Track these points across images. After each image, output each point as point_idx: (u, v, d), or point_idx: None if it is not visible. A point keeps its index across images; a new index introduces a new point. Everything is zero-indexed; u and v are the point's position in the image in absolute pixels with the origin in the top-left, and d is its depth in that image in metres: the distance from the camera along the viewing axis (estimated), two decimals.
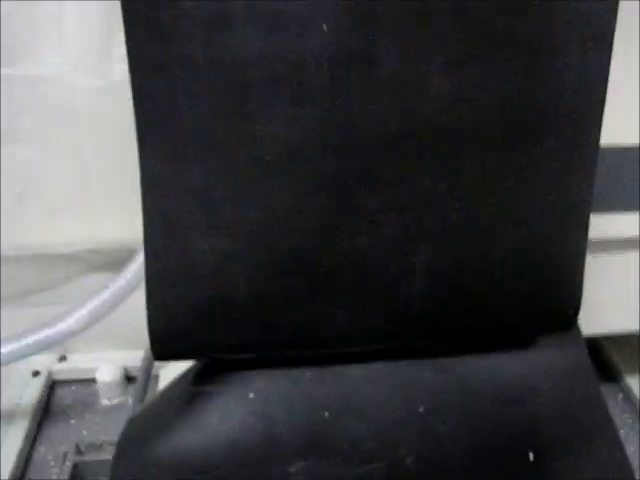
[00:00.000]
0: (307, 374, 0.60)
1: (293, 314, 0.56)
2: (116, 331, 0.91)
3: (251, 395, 0.60)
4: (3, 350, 0.78)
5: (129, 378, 0.99)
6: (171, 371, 0.68)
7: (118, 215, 0.81)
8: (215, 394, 0.60)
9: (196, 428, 0.59)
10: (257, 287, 0.54)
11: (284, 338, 0.57)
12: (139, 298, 0.73)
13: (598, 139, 0.55)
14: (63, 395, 0.98)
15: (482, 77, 0.49)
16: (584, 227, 0.57)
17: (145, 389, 0.78)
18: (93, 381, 0.98)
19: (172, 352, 0.58)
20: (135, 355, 0.88)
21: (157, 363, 0.82)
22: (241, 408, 0.59)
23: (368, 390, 0.60)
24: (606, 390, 1.00)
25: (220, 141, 0.50)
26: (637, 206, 0.73)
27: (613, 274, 0.80)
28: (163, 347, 0.57)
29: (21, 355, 0.80)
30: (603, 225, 0.71)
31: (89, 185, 0.81)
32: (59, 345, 0.87)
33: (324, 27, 0.47)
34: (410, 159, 0.51)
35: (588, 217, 0.57)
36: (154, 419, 0.62)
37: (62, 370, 0.99)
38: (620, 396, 1.02)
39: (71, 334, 0.80)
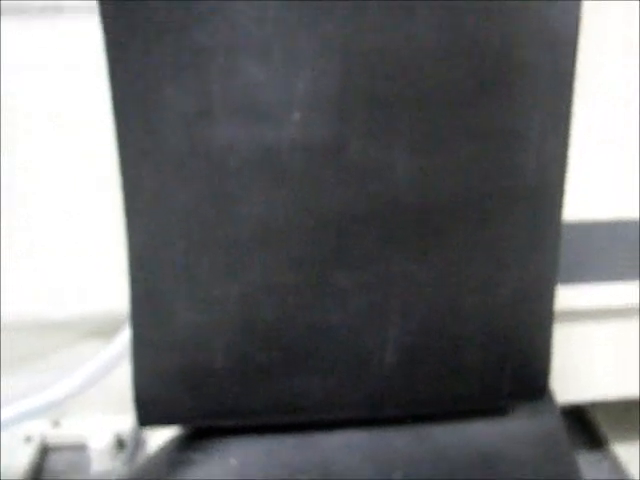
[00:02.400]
0: (287, 441, 0.62)
1: (269, 384, 0.58)
2: (110, 396, 0.93)
3: (232, 462, 0.62)
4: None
5: (121, 443, 1.00)
6: (159, 438, 0.70)
7: (112, 287, 0.84)
8: (198, 461, 0.62)
9: None
10: (234, 358, 0.57)
11: (262, 407, 0.59)
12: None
13: (560, 215, 0.58)
14: (55, 461, 1.00)
15: (445, 162, 0.53)
16: (550, 299, 0.60)
17: (134, 456, 0.80)
18: (86, 447, 0.99)
19: (155, 419, 0.60)
20: (127, 420, 0.91)
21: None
22: (222, 475, 0.61)
23: (345, 458, 0.62)
24: (592, 458, 1.02)
25: (201, 221, 0.53)
26: (604, 277, 0.76)
27: (589, 342, 0.83)
28: (147, 414, 0.59)
29: (15, 422, 0.82)
30: (573, 296, 0.74)
31: (83, 252, 0.84)
32: (53, 411, 0.90)
33: (297, 116, 0.51)
34: (378, 239, 0.54)
35: (554, 289, 0.60)
36: None
37: (55, 436, 1.01)
38: (606, 464, 1.03)
39: (64, 400, 0.83)
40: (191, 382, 0.58)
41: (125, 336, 0.80)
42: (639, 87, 0.71)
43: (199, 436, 0.63)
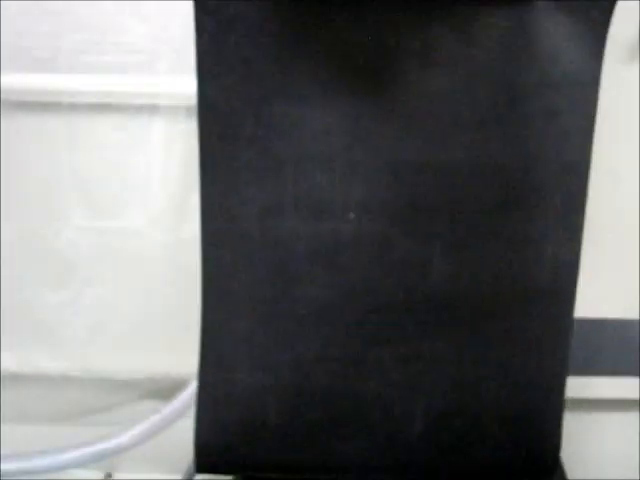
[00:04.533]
0: None
1: (313, 443, 0.67)
2: (159, 455, 1.03)
3: None
4: (65, 456, 0.90)
5: None
6: None
7: (174, 347, 0.95)
8: None
9: None
10: (285, 417, 0.66)
11: (306, 464, 0.68)
12: (181, 426, 0.87)
13: (572, 312, 0.68)
14: None
15: (472, 261, 0.63)
16: (561, 387, 0.69)
17: None
18: None
19: (211, 466, 0.69)
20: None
21: None
22: None
23: None
24: None
25: (265, 298, 0.64)
26: (611, 372, 0.85)
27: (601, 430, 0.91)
28: (205, 461, 0.69)
29: (79, 464, 0.92)
30: (583, 386, 0.83)
31: (152, 320, 0.95)
32: (109, 460, 0.99)
33: (352, 216, 0.62)
34: (413, 323, 0.64)
35: (565, 378, 0.69)
36: None
37: None
38: None
39: (122, 449, 0.92)
40: (245, 436, 0.67)
41: (184, 396, 0.89)
42: None
43: None
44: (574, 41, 0.62)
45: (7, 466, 0.90)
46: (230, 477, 0.73)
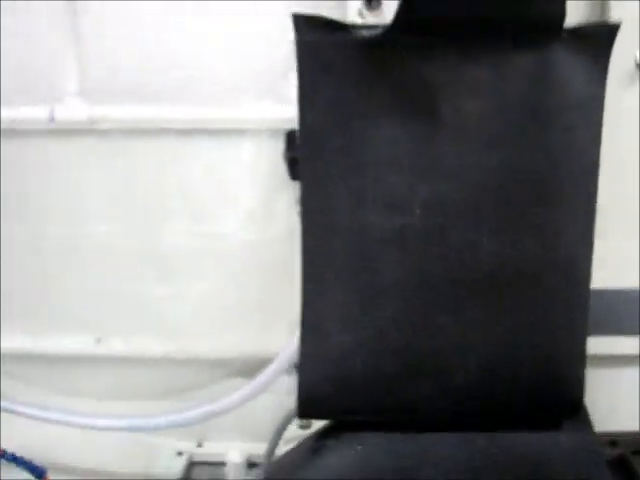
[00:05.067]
0: (398, 436, 0.88)
1: (390, 390, 0.86)
2: (245, 426, 1.21)
3: (357, 447, 0.89)
4: (169, 419, 1.08)
5: (251, 464, 1.26)
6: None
7: (261, 332, 1.14)
8: (332, 446, 0.89)
9: (314, 467, 0.88)
10: (369, 369, 0.85)
11: (384, 406, 0.86)
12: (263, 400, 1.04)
13: (589, 282, 0.85)
14: (200, 472, 1.27)
15: (512, 243, 0.82)
16: (583, 343, 0.87)
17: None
18: (223, 464, 1.26)
19: (310, 412, 0.88)
20: (257, 447, 1.16)
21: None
22: (349, 456, 0.88)
23: (439, 450, 0.88)
24: None
25: (351, 275, 0.83)
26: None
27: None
28: (305, 409, 0.87)
29: (180, 424, 1.09)
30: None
31: (243, 308, 1.14)
32: (201, 426, 1.14)
33: (417, 211, 0.81)
34: (465, 295, 0.83)
35: (585, 336, 0.87)
36: (284, 463, 0.92)
37: (199, 453, 1.27)
38: None
39: (215, 414, 1.09)
40: (337, 387, 0.86)
41: (268, 373, 1.07)
42: None
43: (335, 429, 0.90)
44: (582, 71, 0.80)
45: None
46: (324, 421, 0.91)
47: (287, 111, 0.98)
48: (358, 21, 0.84)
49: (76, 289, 1.16)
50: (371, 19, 0.85)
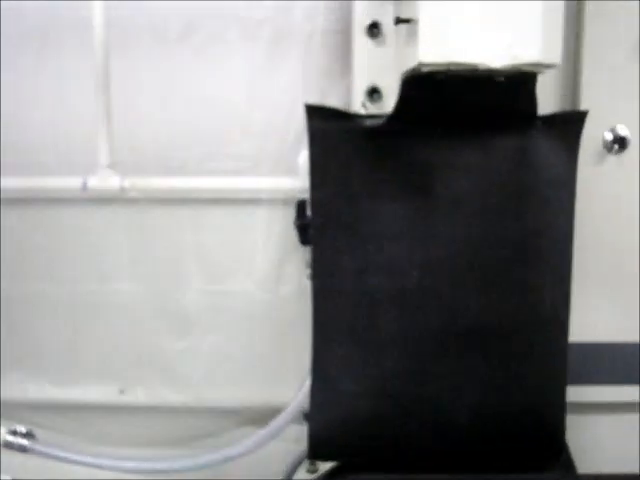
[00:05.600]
0: (396, 477, 0.99)
1: (392, 433, 0.96)
2: (255, 471, 1.27)
3: None
4: (183, 464, 1.17)
5: None
6: None
7: (271, 383, 1.23)
8: None
9: None
10: (372, 415, 0.95)
11: (386, 447, 0.96)
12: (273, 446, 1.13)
13: (567, 337, 0.96)
14: None
15: (496, 300, 0.93)
16: (563, 393, 0.98)
17: None
18: None
19: (320, 454, 0.98)
20: None
21: None
22: None
23: None
24: None
25: (356, 330, 0.94)
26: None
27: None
28: (316, 451, 0.97)
29: (195, 468, 1.17)
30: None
31: (255, 361, 1.24)
32: (213, 471, 1.20)
33: (415, 274, 0.92)
34: (459, 345, 0.94)
35: (565, 387, 0.98)
36: None
37: None
38: None
39: (229, 459, 1.17)
40: (344, 430, 0.96)
41: (279, 421, 1.15)
42: None
43: (340, 470, 1.00)
44: (556, 153, 0.93)
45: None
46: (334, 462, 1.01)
47: (298, 183, 1.07)
48: (362, 111, 0.96)
49: (101, 343, 1.26)
50: (373, 109, 0.97)
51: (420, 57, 0.80)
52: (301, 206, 1.09)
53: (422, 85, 0.84)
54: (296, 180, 1.09)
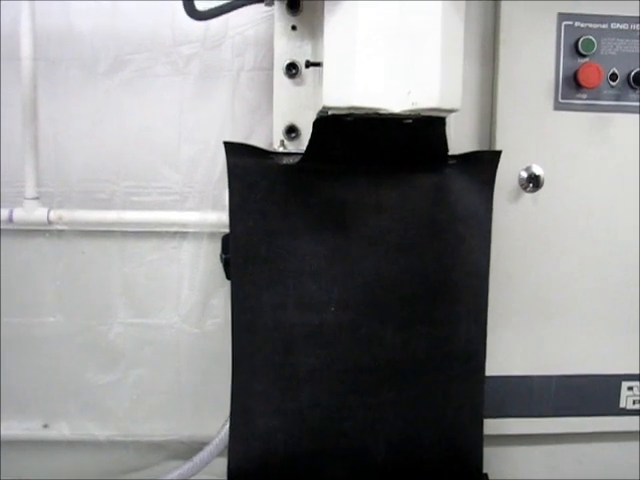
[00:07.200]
0: None
1: (310, 466, 0.97)
2: None
3: None
4: None
5: None
6: None
7: (197, 417, 1.23)
8: None
9: None
10: (289, 448, 0.96)
11: None
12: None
13: (483, 372, 0.99)
14: None
15: (411, 337, 0.95)
16: (479, 426, 1.00)
17: None
18: None
19: None
20: None
21: None
22: None
23: None
24: None
25: (275, 366, 0.95)
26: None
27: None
28: None
29: None
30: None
31: (181, 395, 1.24)
32: None
33: (332, 309, 0.94)
34: (376, 380, 0.95)
35: (482, 420, 1.00)
36: None
37: None
38: None
39: None
40: (263, 464, 0.96)
41: (204, 455, 1.15)
42: None
43: None
44: (472, 190, 0.96)
45: None
46: None
47: (224, 217, 1.08)
48: (280, 149, 0.98)
49: (25, 376, 1.24)
50: (291, 147, 0.99)
51: (324, 101, 0.82)
52: (227, 240, 1.09)
53: (331, 126, 0.86)
54: (222, 214, 1.11)
